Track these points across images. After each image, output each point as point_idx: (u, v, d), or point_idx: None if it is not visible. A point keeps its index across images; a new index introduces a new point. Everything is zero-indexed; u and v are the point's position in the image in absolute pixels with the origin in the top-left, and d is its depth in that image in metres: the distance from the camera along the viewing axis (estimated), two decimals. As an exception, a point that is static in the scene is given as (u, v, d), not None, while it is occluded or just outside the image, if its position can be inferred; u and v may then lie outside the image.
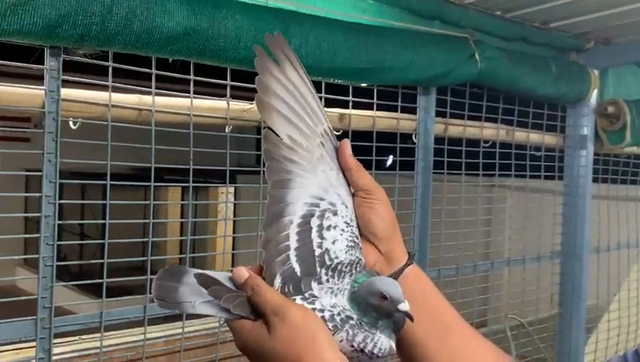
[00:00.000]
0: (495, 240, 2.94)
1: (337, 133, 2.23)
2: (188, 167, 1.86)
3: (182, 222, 6.07)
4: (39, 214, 1.59)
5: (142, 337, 1.79)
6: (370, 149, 2.31)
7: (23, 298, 1.63)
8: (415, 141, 2.46)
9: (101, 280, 1.70)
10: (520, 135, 2.84)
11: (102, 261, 1.71)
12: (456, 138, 2.59)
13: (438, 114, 2.47)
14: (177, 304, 0.79)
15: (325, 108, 2.15)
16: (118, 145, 1.71)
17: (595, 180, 3.11)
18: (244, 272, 0.81)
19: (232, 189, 4.89)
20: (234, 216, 2.91)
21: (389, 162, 2.80)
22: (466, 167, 2.61)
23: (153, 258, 1.79)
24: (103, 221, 1.75)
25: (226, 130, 1.99)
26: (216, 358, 1.91)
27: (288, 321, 0.75)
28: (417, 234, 2.45)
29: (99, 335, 1.71)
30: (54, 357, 1.63)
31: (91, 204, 6.75)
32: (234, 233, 3.23)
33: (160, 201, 5.74)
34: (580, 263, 2.96)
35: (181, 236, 6.39)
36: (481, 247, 2.87)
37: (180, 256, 6.32)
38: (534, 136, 2.90)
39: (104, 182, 1.71)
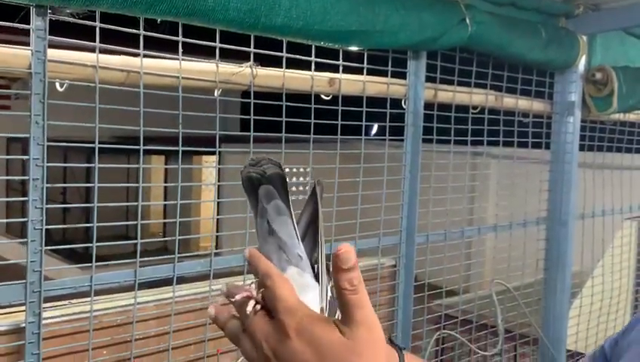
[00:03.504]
0: (482, 207, 2.96)
1: (327, 98, 2.24)
2: (176, 130, 1.84)
3: (165, 190, 6.04)
4: (27, 177, 1.57)
5: (132, 301, 1.79)
6: (360, 115, 2.30)
7: (12, 261, 1.62)
8: (405, 107, 2.45)
9: (90, 245, 1.69)
10: (509, 101, 2.84)
11: (90, 225, 1.70)
12: (445, 104, 2.59)
13: (428, 79, 2.47)
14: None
15: (315, 73, 2.15)
16: (104, 107, 1.69)
17: (581, 148, 3.13)
18: (255, 252, 0.72)
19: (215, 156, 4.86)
20: (215, 188, 2.90)
21: (374, 131, 2.80)
22: (454, 134, 2.61)
23: (144, 222, 1.79)
24: (91, 184, 1.73)
25: (215, 94, 1.97)
26: (207, 322, 1.92)
27: (315, 340, 0.68)
28: (406, 200, 2.46)
29: (89, 299, 1.71)
30: (44, 321, 1.62)
31: (75, 174, 6.69)
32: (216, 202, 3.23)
33: (148, 165, 5.68)
34: (565, 229, 2.99)
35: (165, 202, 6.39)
36: (469, 213, 2.89)
37: (165, 220, 6.32)
38: (523, 103, 2.91)
39: (92, 145, 1.69)
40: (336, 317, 0.74)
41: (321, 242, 0.74)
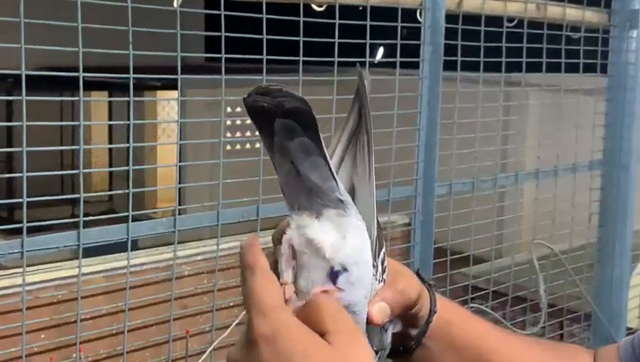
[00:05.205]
0: (520, 148, 2.97)
1: (321, 9, 2.22)
2: (122, 53, 1.82)
3: (110, 132, 6.00)
4: None
5: (76, 272, 1.79)
6: (364, 31, 2.29)
7: None
8: (421, 20, 2.44)
9: (20, 200, 1.69)
10: (554, 10, 2.83)
11: (19, 175, 1.69)
12: (472, 15, 2.58)
13: (450, -18, 2.45)
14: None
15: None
16: (29, 22, 1.66)
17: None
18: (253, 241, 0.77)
19: (175, 92, 4.78)
20: (179, 125, 2.88)
21: (379, 57, 2.79)
22: (485, 55, 2.60)
23: (85, 171, 1.78)
24: (18, 123, 1.72)
25: (175, 4, 1.95)
26: (172, 298, 1.94)
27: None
28: (423, 140, 2.47)
29: (20, 270, 1.71)
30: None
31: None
32: (179, 144, 3.22)
33: (91, 98, 5.60)
34: (626, 175, 3.01)
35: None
36: (502, 157, 2.90)
37: (112, 168, 6.31)
38: (572, 12, 2.90)
39: (19, 72, 1.67)
40: (382, 252, 0.82)
41: (370, 157, 0.79)
